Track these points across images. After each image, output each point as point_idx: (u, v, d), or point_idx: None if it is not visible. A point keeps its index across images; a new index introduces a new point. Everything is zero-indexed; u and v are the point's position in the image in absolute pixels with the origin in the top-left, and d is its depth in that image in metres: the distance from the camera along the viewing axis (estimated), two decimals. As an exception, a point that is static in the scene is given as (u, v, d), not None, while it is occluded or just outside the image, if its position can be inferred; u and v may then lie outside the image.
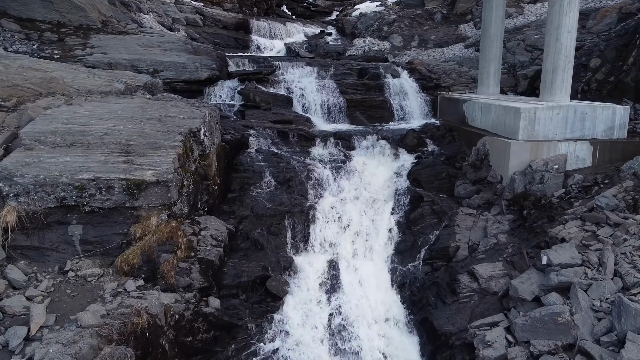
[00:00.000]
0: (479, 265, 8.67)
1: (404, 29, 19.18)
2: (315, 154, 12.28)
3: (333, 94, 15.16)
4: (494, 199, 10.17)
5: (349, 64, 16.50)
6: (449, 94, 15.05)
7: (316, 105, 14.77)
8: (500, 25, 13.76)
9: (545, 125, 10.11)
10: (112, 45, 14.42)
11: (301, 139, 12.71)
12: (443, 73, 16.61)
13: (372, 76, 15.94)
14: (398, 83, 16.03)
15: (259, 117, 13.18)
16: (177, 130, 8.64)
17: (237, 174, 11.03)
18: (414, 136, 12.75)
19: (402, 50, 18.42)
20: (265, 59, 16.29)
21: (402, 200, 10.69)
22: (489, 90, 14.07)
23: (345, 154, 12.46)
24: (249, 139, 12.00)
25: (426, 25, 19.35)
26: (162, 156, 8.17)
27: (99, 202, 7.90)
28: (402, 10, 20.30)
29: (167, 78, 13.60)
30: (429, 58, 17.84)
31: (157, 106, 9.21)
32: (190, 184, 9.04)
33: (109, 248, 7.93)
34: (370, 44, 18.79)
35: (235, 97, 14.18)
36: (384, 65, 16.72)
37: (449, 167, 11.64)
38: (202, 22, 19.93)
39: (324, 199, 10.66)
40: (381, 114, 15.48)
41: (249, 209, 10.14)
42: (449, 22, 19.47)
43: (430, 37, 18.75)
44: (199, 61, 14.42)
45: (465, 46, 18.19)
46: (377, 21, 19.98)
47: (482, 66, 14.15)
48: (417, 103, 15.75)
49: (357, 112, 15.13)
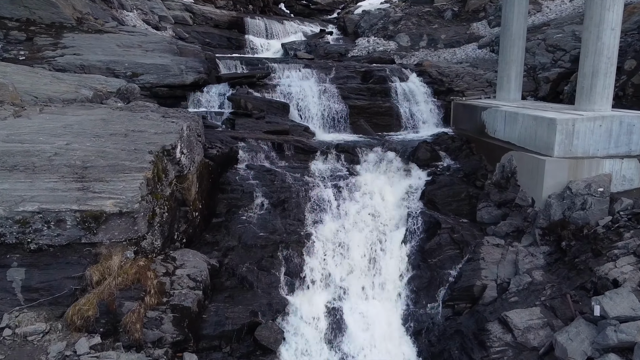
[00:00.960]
0: (513, 312, 7.22)
1: (412, 27, 17.76)
2: (315, 169, 10.84)
3: (334, 99, 13.72)
4: (525, 226, 8.71)
5: (351, 66, 15.06)
6: (464, 100, 13.61)
7: (315, 112, 13.33)
8: (523, 23, 12.32)
9: (585, 139, 8.66)
10: (86, 45, 12.99)
11: (299, 152, 11.27)
12: (456, 76, 15.17)
13: (378, 80, 14.50)
14: (406, 87, 14.59)
15: (250, 126, 11.74)
16: (147, 149, 7.19)
17: (224, 195, 9.59)
18: (426, 149, 11.30)
19: (409, 51, 16.99)
20: (260, 60, 14.86)
21: (416, 226, 9.24)
22: (509, 96, 12.62)
23: (349, 169, 11.02)
24: (238, 152, 10.55)
25: (435, 24, 17.93)
26: (126, 181, 6.73)
27: (47, 238, 6.47)
28: (409, 7, 18.89)
29: (148, 82, 12.16)
30: (439, 59, 16.40)
31: (124, 118, 7.76)
32: (164, 211, 7.59)
33: (59, 296, 6.49)
34: (374, 44, 17.37)
35: (224, 104, 12.73)
36: (390, 67, 15.28)
37: (468, 186, 10.19)
38: (192, 20, 18.50)
39: (325, 225, 9.21)
40: (388, 121, 14.04)
41: (237, 238, 8.69)
42: (460, 20, 18.05)
43: (440, 37, 17.32)
44: (185, 63, 12.98)
45: (479, 46, 16.76)
46: (381, 19, 18.56)
47: (501, 69, 12.71)
48: (427, 109, 14.31)
49: (361, 120, 13.70)
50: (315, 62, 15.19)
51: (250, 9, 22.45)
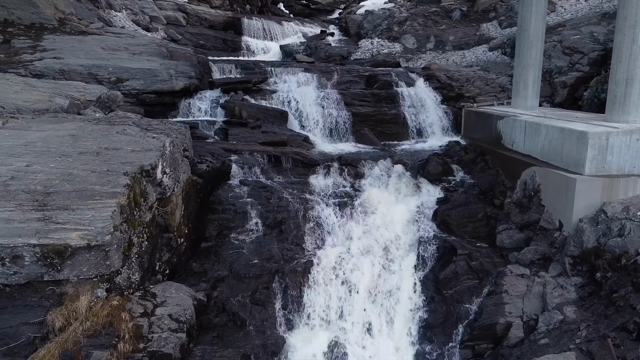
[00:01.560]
0: (544, 358, 6.28)
1: (418, 28, 16.84)
2: (315, 185, 9.91)
3: (336, 106, 12.80)
4: (552, 252, 7.78)
5: (354, 69, 14.14)
6: (476, 107, 12.67)
7: (316, 120, 12.40)
8: (541, 24, 11.39)
9: (620, 155, 7.73)
10: (68, 48, 12.07)
11: (297, 166, 10.35)
12: (466, 80, 14.24)
13: (383, 84, 13.57)
14: (413, 92, 13.66)
15: (245, 137, 10.81)
16: (122, 169, 6.26)
17: (214, 216, 8.66)
18: (437, 162, 10.37)
19: (416, 54, 16.07)
20: (256, 64, 13.93)
21: (428, 251, 8.30)
22: (526, 103, 11.68)
23: (353, 184, 10.10)
24: (231, 167, 9.63)
25: (443, 25, 17.01)
26: (96, 209, 5.80)
27: (3, 277, 5.56)
28: (415, 7, 17.96)
29: (134, 89, 11.24)
30: (448, 62, 15.48)
31: (97, 134, 6.83)
32: (144, 240, 6.67)
33: (15, 346, 5.56)
34: (378, 46, 16.44)
35: (217, 112, 11.80)
36: (396, 71, 14.35)
37: (485, 204, 9.25)
38: (186, 20, 17.58)
39: (326, 250, 8.28)
40: (394, 130, 13.12)
41: (227, 267, 7.76)
42: (470, 21, 17.13)
43: (448, 38, 16.40)
44: (174, 68, 12.06)
45: (490, 48, 15.83)
46: (386, 20, 17.64)
47: (517, 73, 11.77)
48: (436, 117, 13.38)
49: (366, 128, 12.77)
50: (315, 66, 14.27)
51: (248, 9, 21.54)
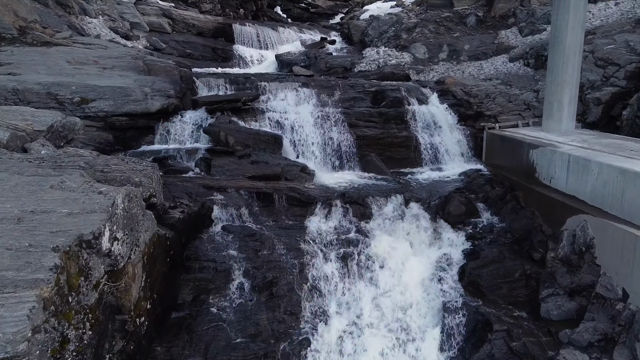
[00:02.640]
0: None
1: (429, 36, 15.26)
2: (314, 230, 8.32)
3: (339, 128, 11.23)
4: (616, 332, 6.16)
5: (359, 84, 12.53)
6: (501, 129, 11.08)
7: (315, 146, 10.82)
8: (580, 35, 9.82)
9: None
10: (27, 61, 10.48)
11: (293, 205, 8.76)
12: (486, 96, 12.65)
13: (392, 102, 11.98)
14: (427, 111, 12.07)
15: (231, 169, 9.20)
16: (50, 243, 4.65)
17: (190, 275, 7.07)
18: (460, 201, 8.77)
19: (427, 65, 14.47)
20: (248, 78, 12.33)
21: (456, 325, 6.69)
22: (560, 126, 10.11)
23: (359, 228, 8.51)
24: (212, 209, 8.02)
25: (457, 32, 15.43)
26: (6, 306, 4.17)
27: None
28: (425, 12, 16.38)
29: (101, 110, 9.65)
30: (464, 75, 13.88)
31: (23, 188, 5.22)
32: (85, 330, 5.06)
33: None
34: (385, 55, 14.85)
35: (200, 137, 10.20)
36: (406, 85, 12.75)
37: (522, 259, 7.64)
38: (171, 27, 16.00)
39: (328, 325, 6.66)
40: (405, 154, 11.54)
41: (202, 351, 6.17)
42: (486, 28, 15.56)
43: (463, 47, 14.82)
44: (151, 85, 10.46)
45: (511, 59, 14.23)
46: (393, 26, 16.07)
47: (550, 92, 10.19)
48: (453, 139, 11.80)
49: (372, 154, 11.19)
50: (314, 80, 12.67)
51: (241, 14, 19.95)
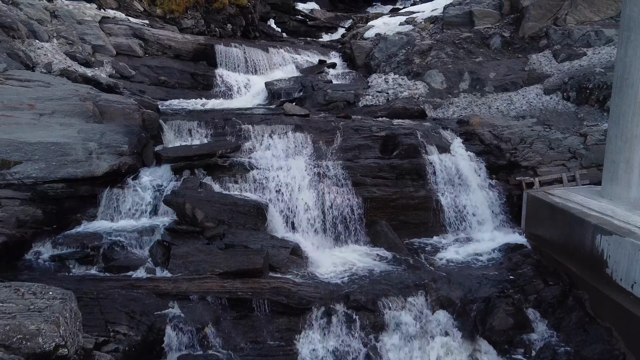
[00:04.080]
0: None
1: (447, 61, 13.07)
2: (307, 356, 6.09)
3: (341, 188, 9.09)
4: None
5: (365, 127, 10.33)
6: (545, 190, 8.84)
7: (310, 213, 8.59)
8: (656, 77, 7.58)
9: None
10: (-61, 109, 8.28)
11: (278, 313, 6.57)
12: (520, 141, 10.46)
13: (406, 151, 9.81)
14: (449, 162, 9.89)
15: (197, 261, 6.99)
16: None
17: None
18: (506, 310, 6.56)
19: (446, 97, 12.28)
20: (228, 119, 10.13)
21: None
22: (629, 194, 7.92)
23: (369, 347, 6.30)
24: (164, 332, 5.81)
25: (479, 56, 13.24)
26: None
27: None
28: (441, 31, 14.17)
29: (29, 177, 7.48)
30: (490, 111, 11.68)
31: None
32: None
33: None
34: (395, 85, 12.65)
35: (161, 209, 7.98)
36: (422, 128, 10.56)
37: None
38: (143, 49, 13.80)
39: None
40: (422, 218, 9.42)
41: None
42: (514, 51, 13.36)
43: (487, 75, 12.63)
44: (99, 137, 8.27)
45: (546, 90, 12.04)
46: (403, 48, 13.88)
47: (614, 148, 7.98)
48: (483, 199, 9.62)
49: (383, 221, 9.01)
50: (311, 122, 10.47)
51: (229, 29, 17.73)
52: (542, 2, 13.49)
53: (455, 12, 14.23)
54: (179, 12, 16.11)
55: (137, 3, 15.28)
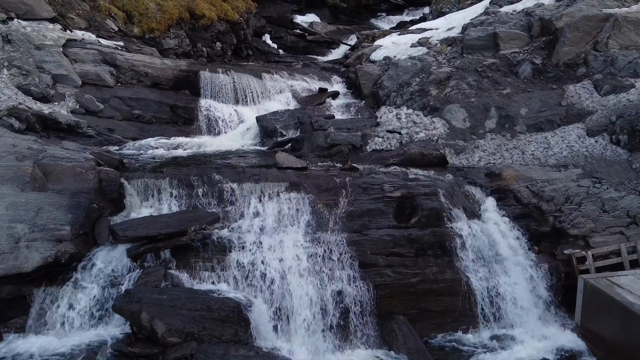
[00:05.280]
0: None
1: (469, 93, 11.24)
2: None
3: (346, 271, 7.24)
4: None
5: (376, 185, 8.47)
6: (614, 286, 6.97)
7: (305, 308, 6.77)
8: None
9: None
10: None
11: None
12: (566, 200, 8.66)
13: (427, 217, 8.04)
14: (479, 231, 8.10)
15: (149, 406, 5.13)
16: None
17: None
18: None
19: (469, 138, 10.44)
20: (209, 176, 8.27)
21: None
22: None
23: None
24: None
25: (507, 86, 11.42)
26: None
27: None
28: (460, 56, 12.34)
29: None
30: (524, 158, 9.85)
31: None
32: None
33: None
34: (409, 122, 10.81)
35: (111, 316, 6.15)
36: (445, 184, 8.73)
37: None
38: (115, 78, 11.97)
39: None
40: (448, 305, 7.73)
41: None
42: (547, 80, 11.53)
43: (518, 111, 10.80)
44: (33, 216, 6.45)
45: (589, 131, 10.22)
46: (417, 76, 12.06)
47: None
48: (523, 279, 7.86)
49: (400, 316, 7.25)
50: (309, 176, 8.63)
51: (218, 49, 15.91)
52: (580, 24, 11.65)
53: (477, 33, 12.39)
54: (160, 30, 14.31)
55: (110, 22, 13.47)
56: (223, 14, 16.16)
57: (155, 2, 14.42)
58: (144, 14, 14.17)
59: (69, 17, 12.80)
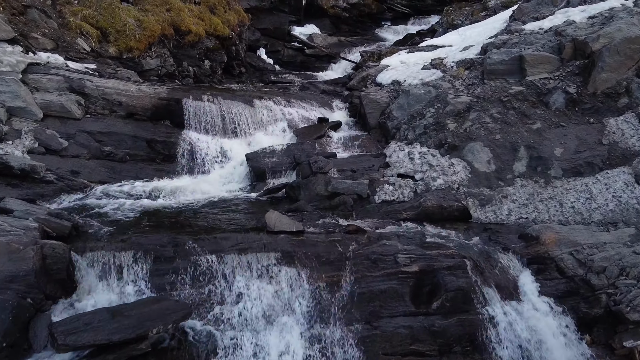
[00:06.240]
0: None
1: (492, 128, 9.73)
2: None
3: (352, 382, 5.68)
4: None
5: (388, 254, 6.95)
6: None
7: None
8: None
9: None
10: None
11: None
12: (620, 272, 7.18)
13: (453, 300, 6.56)
14: (517, 319, 6.56)
15: None
16: None
17: None
18: None
19: (495, 185, 8.92)
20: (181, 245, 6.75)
21: None
22: None
23: None
24: None
25: (536, 120, 9.91)
26: None
27: None
28: (481, 83, 10.82)
29: None
30: (563, 212, 8.33)
31: None
32: None
33: None
34: (424, 164, 9.29)
35: None
36: (471, 249, 7.23)
37: None
38: (83, 108, 10.46)
39: None
40: None
41: None
42: (583, 113, 10.02)
43: (552, 151, 9.28)
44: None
45: (638, 178, 8.68)
46: (431, 105, 10.55)
47: None
48: (575, 383, 6.23)
49: None
50: (306, 242, 7.11)
51: (207, 68, 14.37)
52: (620, 46, 10.12)
53: (500, 56, 10.84)
54: (140, 50, 12.78)
55: (82, 41, 11.94)
56: (212, 29, 14.65)
57: (134, 18, 12.89)
58: (121, 31, 12.65)
59: (33, 37, 11.27)
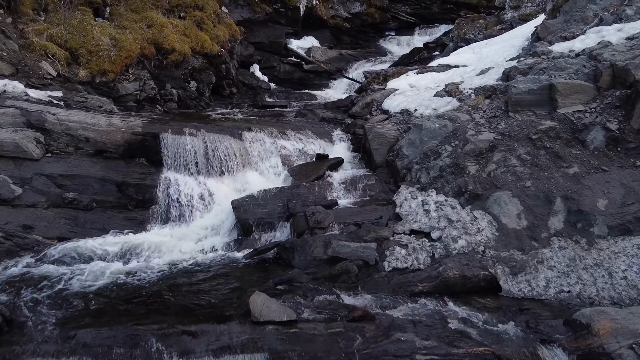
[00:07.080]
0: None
1: (520, 171, 8.32)
2: None
3: None
4: None
5: (402, 357, 5.48)
6: None
7: None
8: None
9: None
10: None
11: None
12: (694, 376, 5.59)
13: None
14: None
15: None
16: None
17: None
18: None
19: (527, 246, 7.50)
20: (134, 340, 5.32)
21: None
22: None
23: None
24: None
25: (572, 162, 8.49)
26: None
27: None
28: (505, 115, 9.39)
29: None
30: (613, 284, 6.90)
31: None
32: None
33: None
34: (442, 219, 7.86)
35: None
36: (506, 344, 5.74)
37: None
38: (43, 146, 9.04)
39: None
40: None
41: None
42: (628, 153, 8.59)
43: (594, 203, 7.86)
44: None
45: (700, 240, 7.22)
46: (447, 143, 9.12)
47: None
48: None
49: None
50: (299, 336, 5.70)
51: (193, 90, 12.94)
52: (669, 75, 8.70)
53: (527, 85, 9.39)
54: (115, 73, 11.37)
55: (47, 65, 10.53)
56: (199, 46, 13.23)
57: (109, 36, 11.48)
58: (93, 52, 11.24)
59: (-12, 61, 9.86)
